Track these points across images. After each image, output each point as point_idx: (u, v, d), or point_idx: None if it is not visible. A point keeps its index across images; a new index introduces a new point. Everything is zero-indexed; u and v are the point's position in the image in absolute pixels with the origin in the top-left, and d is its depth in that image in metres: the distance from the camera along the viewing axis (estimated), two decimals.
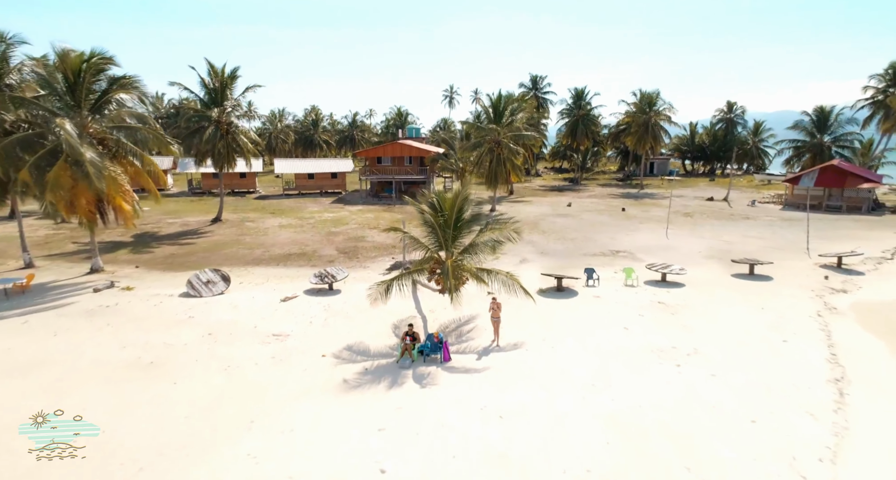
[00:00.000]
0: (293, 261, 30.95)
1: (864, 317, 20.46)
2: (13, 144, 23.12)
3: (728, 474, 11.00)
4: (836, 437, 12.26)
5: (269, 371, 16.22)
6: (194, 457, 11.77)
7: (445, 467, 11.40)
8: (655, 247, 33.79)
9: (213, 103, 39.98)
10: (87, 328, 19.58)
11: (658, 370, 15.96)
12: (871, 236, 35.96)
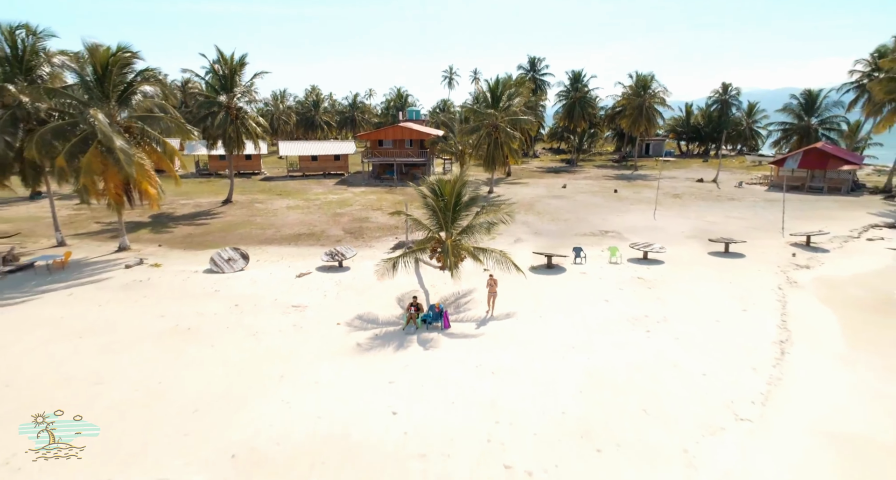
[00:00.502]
0: (303, 241, 33.22)
1: (820, 290, 22.88)
2: (48, 132, 25.19)
3: (676, 414, 13.50)
4: (770, 386, 14.76)
5: (292, 337, 18.64)
6: (238, 403, 14.24)
7: (446, 410, 13.87)
8: (643, 227, 36.03)
9: (223, 89, 41.79)
10: (126, 300, 21.99)
11: (630, 335, 18.39)
12: (844, 215, 38.24)
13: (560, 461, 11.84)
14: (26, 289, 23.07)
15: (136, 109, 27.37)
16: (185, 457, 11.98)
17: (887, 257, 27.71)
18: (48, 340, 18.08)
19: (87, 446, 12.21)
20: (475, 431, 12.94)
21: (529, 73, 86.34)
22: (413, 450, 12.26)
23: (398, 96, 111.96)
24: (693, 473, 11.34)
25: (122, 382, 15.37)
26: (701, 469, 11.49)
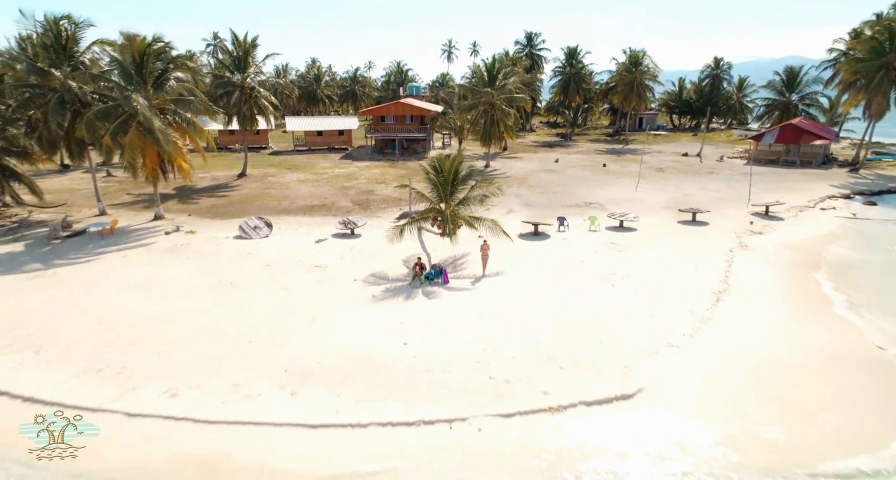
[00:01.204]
0: (316, 211, 36.86)
1: (765, 252, 26.77)
2: (94, 114, 28.58)
3: (623, 343, 17.49)
4: (700, 323, 18.75)
5: (317, 290, 22.53)
6: (281, 337, 18.19)
7: (445, 342, 17.83)
8: (624, 199, 39.64)
9: (237, 69, 44.78)
10: (173, 260, 25.84)
11: (597, 288, 22.30)
12: (808, 187, 41.89)
13: (531, 374, 15.84)
14: (86, 251, 26.90)
15: (169, 92, 30.66)
16: (250, 371, 15.98)
17: (832, 225, 31.57)
18: (119, 290, 22.00)
19: (176, 361, 16.24)
20: (467, 355, 16.93)
21: (526, 48, 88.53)
22: (420, 368, 16.26)
23: (398, 71, 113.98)
24: (627, 379, 15.38)
25: (187, 321, 19.32)
26: (634, 376, 15.52)
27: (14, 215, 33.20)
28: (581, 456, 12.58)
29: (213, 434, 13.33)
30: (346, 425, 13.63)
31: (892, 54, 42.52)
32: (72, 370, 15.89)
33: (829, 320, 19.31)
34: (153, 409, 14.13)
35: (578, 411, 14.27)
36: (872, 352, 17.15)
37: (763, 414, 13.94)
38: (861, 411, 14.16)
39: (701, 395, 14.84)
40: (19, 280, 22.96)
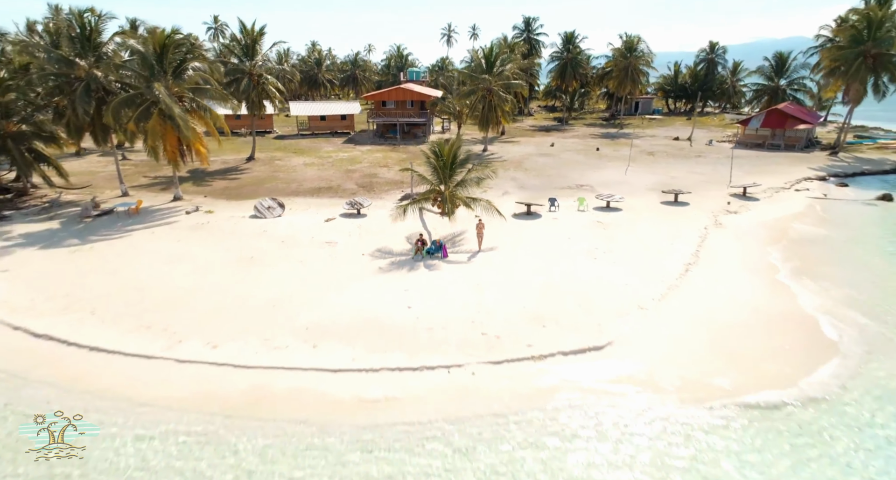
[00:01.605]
0: (323, 193, 39.23)
1: (737, 230, 29.29)
2: (120, 103, 30.83)
3: (599, 307, 20.09)
4: (668, 290, 21.35)
5: (330, 264, 25.07)
6: (301, 302, 20.77)
7: (444, 306, 20.42)
8: (613, 182, 41.99)
9: (246, 57, 46.76)
10: (196, 237, 28.35)
11: (581, 261, 24.84)
12: (788, 170, 44.24)
13: (518, 331, 18.47)
14: (116, 229, 29.40)
15: (187, 81, 32.84)
16: (276, 329, 18.60)
17: (803, 205, 34.04)
18: (151, 263, 24.56)
19: (212, 322, 18.86)
20: (463, 316, 19.53)
21: (524, 33, 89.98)
22: (422, 327, 18.87)
23: (399, 55, 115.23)
24: (599, 334, 18.02)
25: (216, 290, 21.91)
26: (605, 333, 18.16)
27: (44, 196, 35.62)
28: (555, 391, 15.25)
29: (251, 375, 15.99)
30: (361, 370, 16.29)
31: (870, 43, 44.49)
32: (124, 328, 18.52)
33: (773, 286, 21.94)
34: (199, 357, 16.78)
35: (556, 359, 16.92)
36: (800, 311, 19.80)
37: (713, 363, 16.59)
38: (785, 358, 16.82)
39: (662, 348, 17.48)
40: (63, 253, 25.53)
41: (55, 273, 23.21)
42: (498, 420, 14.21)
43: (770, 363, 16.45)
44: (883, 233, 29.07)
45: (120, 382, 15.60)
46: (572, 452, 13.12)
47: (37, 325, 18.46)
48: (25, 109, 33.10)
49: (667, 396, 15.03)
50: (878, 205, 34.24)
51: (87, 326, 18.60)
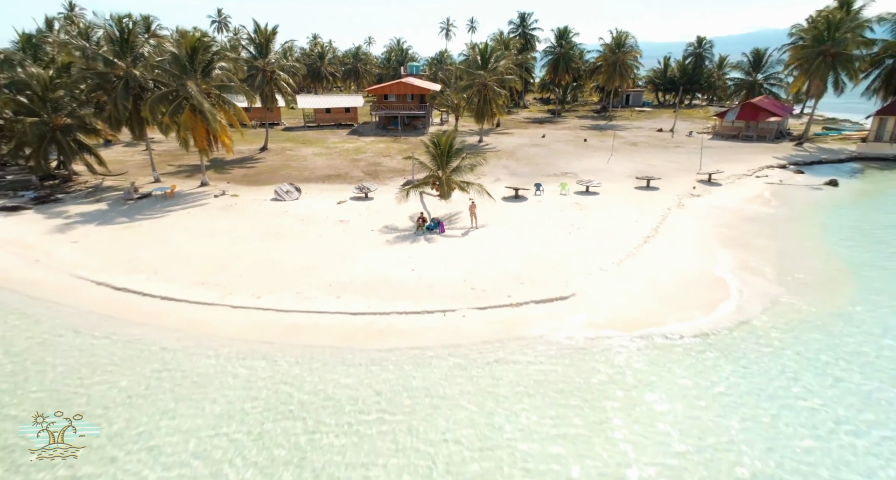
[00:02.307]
0: (333, 180, 43.55)
1: (696, 210, 33.72)
2: (156, 99, 35.09)
3: (569, 270, 24.57)
4: (627, 256, 25.84)
5: (344, 237, 29.48)
6: (324, 267, 25.22)
7: (441, 269, 24.88)
8: (596, 170, 46.30)
9: (260, 55, 50.88)
10: (226, 217, 32.76)
11: (558, 235, 29.29)
12: (755, 158, 48.60)
13: (501, 287, 22.94)
14: (156, 209, 33.81)
15: (214, 79, 37.06)
16: (305, 285, 23.08)
17: (759, 189, 38.48)
18: (193, 237, 29.00)
19: (253, 280, 23.34)
20: (457, 277, 24.00)
21: (520, 27, 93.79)
22: (423, 284, 23.33)
23: (399, 49, 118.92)
24: (565, 288, 22.53)
25: (252, 258, 26.35)
26: (570, 288, 22.66)
27: (86, 182, 39.97)
28: (528, 327, 19.79)
29: (289, 317, 20.50)
30: (375, 313, 20.81)
31: (830, 43, 48.65)
32: (183, 284, 23.01)
33: (708, 254, 26.43)
34: (247, 304, 21.28)
35: (530, 306, 21.43)
36: (719, 273, 24.30)
37: (646, 307, 21.11)
38: (700, 303, 21.34)
39: (613, 297, 21.98)
40: (117, 229, 29.98)
41: (116, 244, 27.68)
42: (482, 346, 18.73)
43: (685, 308, 20.97)
44: (817, 212, 33.58)
45: (190, 321, 20.12)
46: (535, 365, 17.63)
47: (115, 281, 22.98)
48: (71, 104, 37.28)
49: (611, 327, 19.55)
50: (824, 189, 38.72)
51: (154, 282, 23.10)
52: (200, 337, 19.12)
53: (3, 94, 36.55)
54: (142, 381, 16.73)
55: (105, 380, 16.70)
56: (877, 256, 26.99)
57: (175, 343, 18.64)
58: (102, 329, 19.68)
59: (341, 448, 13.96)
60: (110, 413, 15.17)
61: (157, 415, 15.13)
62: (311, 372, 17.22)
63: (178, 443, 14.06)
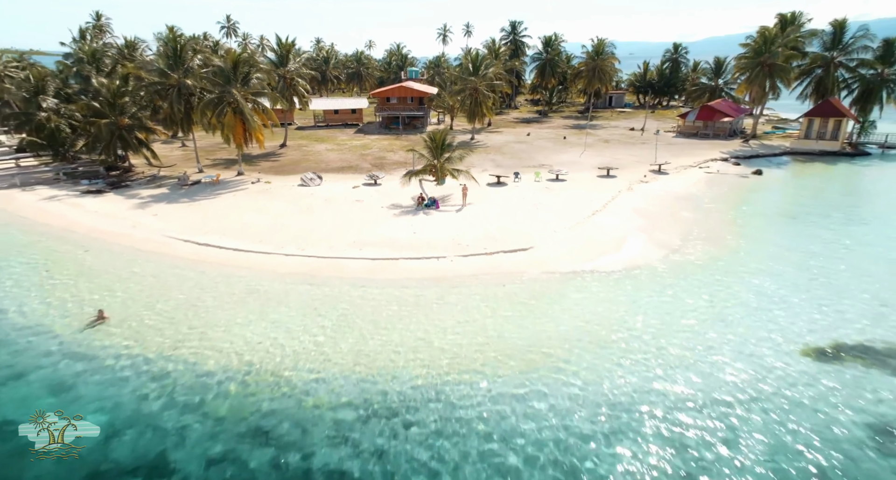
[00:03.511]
0: (346, 170, 51.78)
1: (641, 193, 42.02)
2: (205, 103, 43.32)
3: (532, 232, 32.89)
4: (577, 224, 34.20)
5: (361, 212, 37.73)
6: (347, 232, 33.47)
7: (436, 233, 33.18)
8: (569, 162, 54.57)
9: (281, 64, 59.15)
10: (264, 198, 41.02)
11: (527, 210, 37.58)
12: (705, 153, 56.92)
13: (480, 243, 31.23)
14: (208, 193, 42.08)
15: (252, 87, 45.30)
16: (336, 243, 31.34)
17: (697, 177, 46.87)
18: (242, 213, 37.23)
19: (296, 239, 31.68)
20: (447, 237, 32.28)
21: (511, 35, 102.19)
22: (422, 242, 31.60)
23: (399, 54, 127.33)
24: (526, 244, 30.84)
25: (292, 225, 34.59)
26: (530, 243, 30.97)
27: (142, 173, 48.23)
28: (498, 268, 28.11)
29: (326, 262, 28.79)
30: (388, 258, 29.09)
31: (767, 55, 57.04)
32: (246, 242, 31.28)
33: (635, 221, 34.79)
34: (296, 253, 29.58)
35: (500, 255, 29.71)
36: (637, 232, 32.60)
37: (581, 254, 29.39)
38: (619, 252, 29.66)
39: (559, 249, 30.29)
40: (182, 206, 38.29)
41: (186, 217, 35.98)
42: (463, 278, 27.01)
43: (607, 255, 29.32)
44: (737, 194, 41.99)
45: (257, 263, 28.42)
46: (500, 287, 25.90)
47: (197, 239, 31.29)
48: (133, 108, 45.51)
49: (555, 267, 27.84)
50: (750, 177, 47.15)
51: (225, 240, 31.40)
52: (266, 273, 27.42)
53: (80, 100, 44.75)
54: (236, 293, 25.01)
55: (211, 295, 24.94)
56: (767, 222, 35.41)
57: (250, 275, 26.93)
58: (195, 269, 27.95)
59: (373, 322, 22.18)
60: (226, 307, 23.39)
61: (256, 312, 23.38)
62: (346, 290, 25.51)
63: (279, 319, 22.27)
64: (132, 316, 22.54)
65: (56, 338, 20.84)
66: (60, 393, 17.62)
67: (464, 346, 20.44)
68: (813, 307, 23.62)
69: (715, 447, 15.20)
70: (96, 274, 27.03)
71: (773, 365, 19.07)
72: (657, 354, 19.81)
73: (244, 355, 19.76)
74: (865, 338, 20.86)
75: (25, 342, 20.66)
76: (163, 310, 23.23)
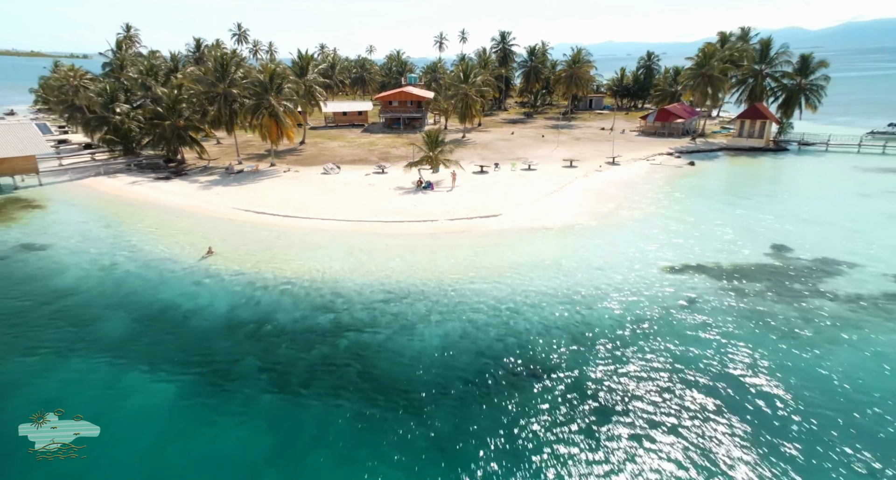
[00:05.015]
0: (358, 163, 62.91)
1: (594, 178, 53.29)
2: (248, 109, 54.48)
3: (502, 206, 44.17)
4: (537, 200, 45.49)
5: (373, 193, 48.93)
6: (363, 207, 44.69)
7: (432, 207, 44.41)
8: (543, 156, 65.73)
9: (302, 74, 70.35)
10: (297, 183, 52.20)
11: (501, 191, 48.78)
12: (656, 148, 68.18)
13: (463, 211, 42.44)
14: (252, 179, 53.24)
15: (284, 94, 56.44)
16: (355, 213, 42.52)
17: (642, 168, 58.17)
18: (281, 193, 48.40)
19: (325, 211, 42.98)
20: (439, 208, 43.50)
21: (500, 44, 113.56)
22: (421, 211, 42.82)
23: (399, 60, 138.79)
24: (497, 212, 42.10)
25: (322, 202, 45.75)
26: (499, 212, 42.24)
27: (193, 164, 59.37)
28: (474, 228, 39.37)
29: (349, 224, 40.00)
30: (395, 221, 40.30)
31: (707, 67, 68.47)
32: (286, 211, 42.44)
33: (580, 197, 46.06)
34: (329, 218, 40.80)
35: (476, 219, 40.92)
36: (579, 204, 43.86)
37: (540, 220, 40.62)
38: (563, 216, 40.93)
39: (522, 216, 41.49)
40: (234, 188, 49.51)
41: (239, 195, 47.18)
42: (450, 234, 38.20)
43: (554, 218, 40.60)
44: (668, 179, 53.28)
45: (299, 225, 39.60)
46: (476, 237, 37.12)
47: (253, 209, 42.51)
48: (187, 111, 56.63)
49: (515, 226, 39.06)
50: (684, 167, 58.49)
51: (273, 210, 42.58)
52: (308, 230, 38.66)
53: (148, 105, 55.95)
54: (290, 241, 36.19)
55: (275, 242, 36.07)
56: (680, 197, 46.71)
57: (297, 232, 38.13)
58: (257, 228, 39.14)
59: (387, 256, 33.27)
60: (287, 248, 34.50)
61: (309, 249, 34.51)
62: (366, 239, 36.68)
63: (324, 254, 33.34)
64: (228, 253, 33.71)
65: (184, 263, 32.10)
66: (199, 288, 28.82)
67: (450, 265, 31.71)
68: (679, 244, 34.90)
69: (597, 303, 26.42)
70: (192, 231, 38.26)
71: (639, 272, 30.35)
72: (568, 268, 31.08)
73: (306, 270, 30.97)
74: (703, 262, 32.14)
75: (166, 265, 31.89)
76: (246, 250, 34.44)
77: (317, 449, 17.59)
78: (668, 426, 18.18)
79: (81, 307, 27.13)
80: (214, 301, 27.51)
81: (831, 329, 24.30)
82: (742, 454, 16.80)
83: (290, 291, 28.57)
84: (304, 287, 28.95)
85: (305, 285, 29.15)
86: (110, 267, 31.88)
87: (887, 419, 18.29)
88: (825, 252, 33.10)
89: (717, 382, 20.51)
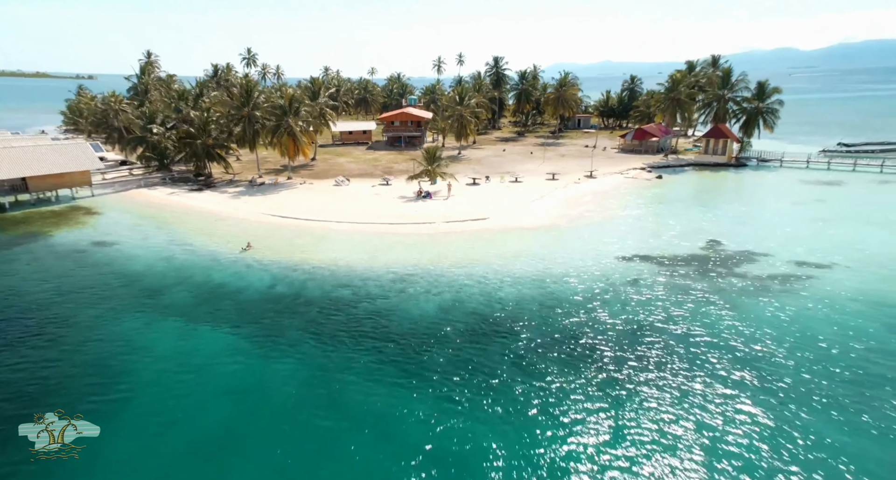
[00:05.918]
0: (364, 176, 70.65)
1: (573, 189, 60.99)
2: (269, 129, 62.39)
3: (491, 211, 51.80)
4: (519, 207, 53.12)
5: (379, 201, 56.57)
6: (370, 212, 52.30)
7: (430, 212, 52.04)
8: (529, 170, 73.54)
9: (315, 98, 78.55)
10: (312, 193, 59.85)
11: (491, 199, 56.43)
12: (631, 164, 76.03)
13: (457, 216, 50.04)
14: (274, 190, 60.89)
15: (301, 117, 64.38)
16: (366, 217, 50.11)
17: (616, 180, 65.97)
18: (299, 201, 56.01)
19: (340, 215, 50.64)
20: (437, 213, 51.09)
21: (493, 68, 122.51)
22: (421, 216, 50.38)
23: (399, 83, 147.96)
24: (486, 216, 49.69)
25: (335, 209, 53.29)
26: (488, 216, 49.84)
27: (219, 178, 67.08)
28: (466, 229, 46.89)
29: (361, 226, 47.52)
30: (399, 223, 47.84)
31: (675, 92, 76.92)
32: (307, 215, 49.99)
33: (557, 205, 53.67)
34: (344, 220, 48.33)
35: (468, 222, 48.47)
36: (555, 210, 51.43)
37: (520, 222, 48.15)
38: (541, 220, 48.51)
39: (506, 219, 49.03)
40: (258, 198, 57.13)
41: (264, 204, 54.76)
42: (445, 233, 45.69)
43: (533, 220, 48.14)
44: (637, 190, 60.97)
45: (319, 227, 47.09)
46: (467, 235, 44.58)
47: (279, 214, 50.04)
48: (216, 132, 64.50)
49: (500, 227, 46.55)
50: (653, 180, 66.26)
51: (296, 215, 50.13)
52: (326, 230, 46.15)
53: (180, 126, 63.91)
54: (313, 240, 43.63)
55: (301, 239, 43.48)
56: (643, 204, 54.28)
57: (320, 232, 45.60)
58: (285, 228, 46.62)
59: (391, 251, 40.68)
60: (312, 244, 41.92)
61: (328, 244, 41.91)
62: (374, 238, 44.11)
63: (342, 248, 40.74)
64: (262, 247, 41.12)
65: (229, 254, 39.53)
66: (246, 270, 36.19)
67: (446, 254, 39.15)
68: (634, 240, 42.36)
69: (563, 280, 33.74)
70: (230, 231, 45.75)
71: (598, 259, 37.78)
72: (541, 256, 38.47)
73: (327, 259, 38.37)
74: (649, 253, 39.58)
75: (214, 256, 39.30)
76: (278, 245, 41.90)
77: (346, 375, 24.78)
78: (607, 358, 25.53)
79: (152, 286, 34.48)
80: (257, 281, 34.90)
81: (735, 297, 31.73)
82: (653, 376, 24.14)
83: (316, 273, 35.96)
84: (327, 271, 36.35)
85: (328, 270, 36.55)
86: (169, 257, 39.30)
87: (758, 354, 25.64)
88: (748, 246, 40.63)
89: (646, 330, 27.91)
